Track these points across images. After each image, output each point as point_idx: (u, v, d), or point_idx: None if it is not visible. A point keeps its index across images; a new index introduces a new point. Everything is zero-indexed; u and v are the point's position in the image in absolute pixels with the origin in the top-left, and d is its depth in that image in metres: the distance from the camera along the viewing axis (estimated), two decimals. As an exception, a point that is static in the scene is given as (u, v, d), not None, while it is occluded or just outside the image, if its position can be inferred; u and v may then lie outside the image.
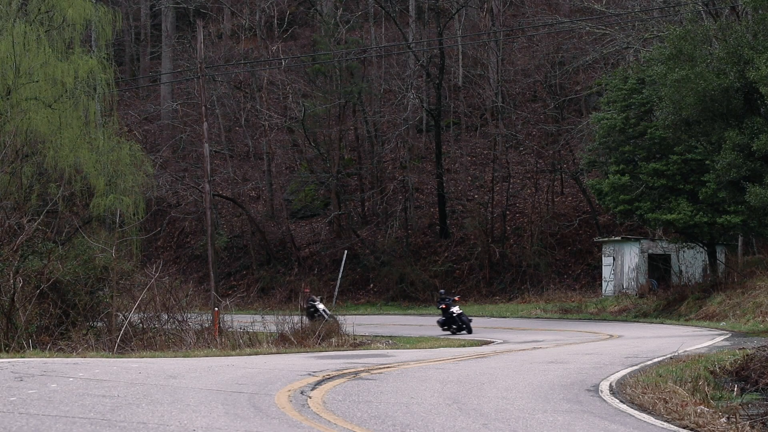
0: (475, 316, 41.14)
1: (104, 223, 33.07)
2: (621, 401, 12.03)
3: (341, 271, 48.32)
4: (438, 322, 31.85)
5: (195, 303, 27.28)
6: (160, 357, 17.20)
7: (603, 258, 43.92)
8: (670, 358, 17.20)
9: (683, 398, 12.00)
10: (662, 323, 34.03)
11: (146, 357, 16.86)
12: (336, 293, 48.55)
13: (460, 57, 57.05)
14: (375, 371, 14.33)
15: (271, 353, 19.68)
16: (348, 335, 25.22)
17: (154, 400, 9.22)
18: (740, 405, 12.33)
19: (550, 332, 31.27)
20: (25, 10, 31.39)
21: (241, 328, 24.03)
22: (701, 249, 39.83)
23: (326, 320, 30.13)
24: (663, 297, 39.03)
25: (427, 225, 53.01)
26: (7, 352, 18.48)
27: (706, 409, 11.38)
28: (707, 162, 32.24)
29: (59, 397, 8.94)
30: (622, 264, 42.48)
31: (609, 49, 46.63)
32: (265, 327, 25.08)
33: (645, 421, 10.62)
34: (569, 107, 54.72)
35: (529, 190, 53.03)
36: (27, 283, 21.89)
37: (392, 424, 8.88)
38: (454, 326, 31.47)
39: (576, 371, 15.40)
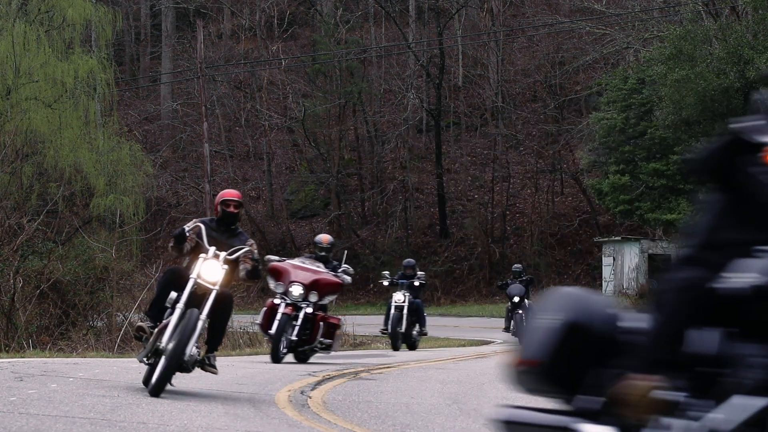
0: (475, 316, 41.20)
1: (104, 223, 33.06)
2: (621, 401, 12.01)
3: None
4: None
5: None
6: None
7: (603, 258, 43.91)
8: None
9: (683, 398, 11.98)
10: (662, 323, 34.00)
11: (146, 357, 16.83)
12: (336, 293, 48.29)
13: (460, 57, 57.04)
14: (375, 371, 14.33)
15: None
16: (348, 335, 25.21)
17: (154, 400, 9.22)
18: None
19: (550, 332, 31.22)
20: (25, 10, 31.40)
21: (241, 328, 24.01)
22: (701, 249, 39.81)
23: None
24: (663, 297, 39.02)
25: (427, 225, 53.01)
26: (7, 352, 18.48)
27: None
28: (707, 162, 32.21)
29: (59, 397, 8.94)
30: (622, 264, 42.49)
31: (609, 49, 46.63)
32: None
33: (645, 421, 10.60)
34: (569, 107, 54.71)
35: (529, 190, 53.03)
36: (27, 283, 21.89)
37: (392, 424, 8.88)
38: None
39: (576, 371, 15.39)
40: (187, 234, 10.11)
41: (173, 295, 9.71)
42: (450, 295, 47.99)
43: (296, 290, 15.31)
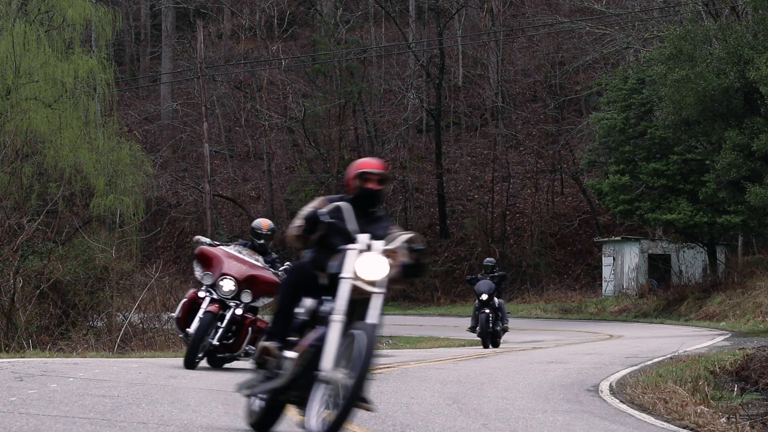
0: (475, 316, 41.16)
1: (104, 223, 33.07)
2: (621, 401, 12.04)
3: (341, 271, 48.18)
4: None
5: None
6: (160, 357, 17.19)
7: (603, 258, 43.92)
8: (670, 358, 17.21)
9: (683, 398, 12.01)
10: (662, 323, 34.04)
11: (146, 357, 16.86)
12: (336, 293, 48.34)
13: (460, 57, 57.04)
14: (375, 371, 14.33)
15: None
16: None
17: (154, 400, 9.22)
18: (740, 405, 12.34)
19: (550, 332, 31.27)
20: (25, 10, 31.39)
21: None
22: (701, 249, 39.84)
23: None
24: (663, 297, 39.05)
25: (427, 225, 53.01)
26: (7, 352, 18.48)
27: (706, 409, 11.38)
28: (707, 162, 32.26)
29: (59, 397, 8.94)
30: (622, 264, 42.48)
31: (609, 49, 46.64)
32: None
33: (645, 421, 10.63)
34: (569, 107, 54.72)
35: (529, 190, 53.03)
36: (27, 283, 21.88)
37: (392, 424, 8.87)
38: None
39: (576, 371, 15.41)
40: (322, 217, 7.47)
41: (307, 302, 7.34)
42: (450, 295, 47.97)
43: (227, 285, 12.87)
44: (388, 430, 8.54)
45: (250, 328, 12.90)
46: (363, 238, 7.19)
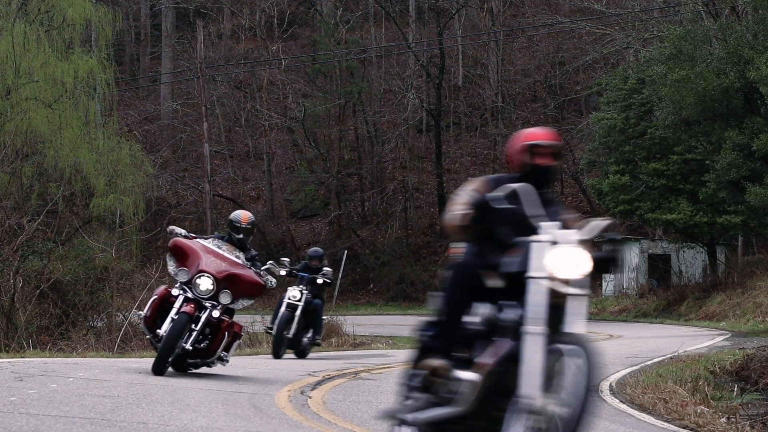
0: (475, 316, 41.17)
1: (104, 223, 33.08)
2: (621, 401, 12.04)
3: (341, 271, 48.25)
4: None
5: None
6: (160, 357, 17.19)
7: (603, 258, 43.89)
8: (670, 358, 17.20)
9: (683, 398, 12.01)
10: (662, 323, 34.03)
11: (146, 357, 16.87)
12: (336, 293, 48.49)
13: (460, 57, 57.04)
14: (375, 371, 14.33)
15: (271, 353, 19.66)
16: (348, 335, 25.21)
17: (154, 400, 9.22)
18: (740, 405, 12.34)
19: (550, 332, 31.20)
20: (25, 10, 31.41)
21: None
22: (701, 249, 39.83)
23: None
24: (663, 297, 39.04)
25: (427, 225, 53.01)
26: (7, 352, 18.47)
27: (706, 409, 11.38)
28: (707, 162, 32.26)
29: (59, 397, 8.94)
30: (622, 264, 42.49)
31: (609, 49, 46.64)
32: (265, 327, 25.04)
33: (645, 421, 10.63)
34: (569, 107, 54.73)
35: (529, 190, 53.05)
36: (27, 283, 21.87)
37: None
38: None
39: (576, 371, 15.37)
40: (495, 203, 5.97)
41: (482, 309, 5.84)
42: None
43: (204, 284, 11.52)
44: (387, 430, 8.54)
45: (226, 333, 11.67)
46: (550, 228, 5.74)
